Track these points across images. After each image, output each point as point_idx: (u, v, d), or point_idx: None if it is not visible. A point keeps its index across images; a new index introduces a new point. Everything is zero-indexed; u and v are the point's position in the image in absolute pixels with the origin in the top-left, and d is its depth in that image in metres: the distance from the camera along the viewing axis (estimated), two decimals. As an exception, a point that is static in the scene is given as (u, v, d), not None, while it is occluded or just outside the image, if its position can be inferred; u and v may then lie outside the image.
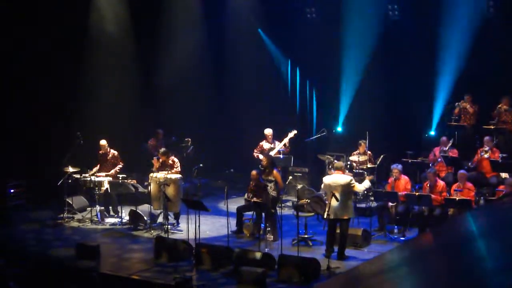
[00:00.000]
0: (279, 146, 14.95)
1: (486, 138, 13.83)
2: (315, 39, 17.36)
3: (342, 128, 17.43)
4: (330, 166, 14.72)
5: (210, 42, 17.99)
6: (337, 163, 11.87)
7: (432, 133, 16.00)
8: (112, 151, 14.27)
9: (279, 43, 18.10)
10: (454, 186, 12.47)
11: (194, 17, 17.68)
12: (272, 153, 14.57)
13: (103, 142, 14.19)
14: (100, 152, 14.24)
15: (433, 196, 12.09)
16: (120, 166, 14.22)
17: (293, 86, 17.90)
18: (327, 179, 11.36)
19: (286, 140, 14.95)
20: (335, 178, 11.24)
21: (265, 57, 18.35)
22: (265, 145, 15.04)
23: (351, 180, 11.20)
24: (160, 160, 13.49)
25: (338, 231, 11.22)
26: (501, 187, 12.40)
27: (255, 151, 14.93)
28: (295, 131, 14.99)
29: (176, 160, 13.58)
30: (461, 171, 12.67)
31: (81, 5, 16.18)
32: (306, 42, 17.61)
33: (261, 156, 13.90)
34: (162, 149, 13.73)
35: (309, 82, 17.89)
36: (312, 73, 17.73)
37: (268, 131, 15.14)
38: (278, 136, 15.18)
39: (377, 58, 16.49)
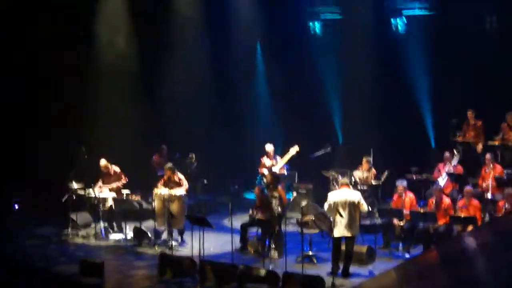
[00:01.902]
0: (281, 162, 14.87)
1: (487, 156, 13.82)
2: (318, 51, 17.44)
3: (345, 143, 17.41)
4: (334, 183, 14.68)
5: (213, 56, 17.99)
6: (343, 179, 11.80)
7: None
8: (114, 167, 14.15)
9: (281, 54, 18.10)
10: (460, 203, 12.43)
11: (197, 31, 17.68)
12: (276, 169, 14.53)
13: (102, 162, 13.98)
14: (102, 171, 14.17)
15: (439, 222, 12.10)
16: (124, 182, 14.13)
17: (296, 99, 17.88)
18: (335, 197, 11.20)
19: (287, 157, 14.84)
20: (345, 195, 11.14)
21: (269, 69, 18.38)
22: (267, 162, 14.97)
23: (360, 198, 11.16)
24: (165, 176, 13.45)
25: (343, 248, 11.16)
26: (501, 203, 12.35)
27: (260, 169, 14.87)
28: (297, 148, 14.86)
29: (182, 177, 13.54)
30: (468, 187, 12.62)
31: (85, 17, 16.26)
32: (309, 53, 17.66)
33: (265, 172, 13.84)
34: (169, 164, 13.66)
35: (313, 94, 17.88)
36: (316, 85, 17.74)
37: (269, 147, 15.02)
38: (284, 150, 15.14)
39: (381, 72, 16.52)
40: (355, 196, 11.16)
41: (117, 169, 14.16)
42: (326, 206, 11.34)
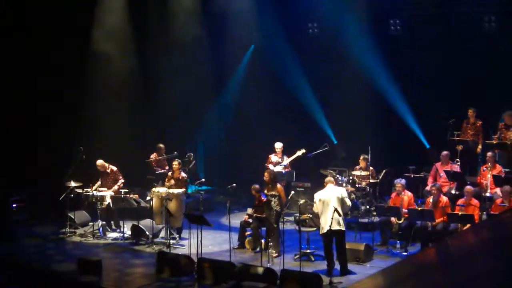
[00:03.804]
0: (286, 161, 15.06)
1: (489, 154, 13.83)
2: (317, 53, 17.44)
3: (343, 142, 17.44)
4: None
5: (212, 56, 17.99)
6: (327, 178, 11.76)
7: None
8: (111, 167, 14.16)
9: (281, 57, 18.10)
10: (460, 201, 12.45)
11: (195, 31, 17.69)
12: (278, 167, 14.68)
13: (99, 162, 14.00)
14: (99, 170, 14.17)
15: (437, 220, 12.16)
16: (122, 181, 14.14)
17: (297, 100, 17.90)
18: (320, 195, 11.23)
19: (293, 157, 15.09)
20: (330, 192, 11.18)
21: (269, 71, 18.39)
22: (273, 158, 15.23)
23: (344, 193, 11.22)
24: (171, 172, 13.46)
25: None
26: (498, 201, 12.37)
27: (267, 164, 15.04)
28: (303, 150, 15.07)
29: (186, 177, 13.59)
30: (468, 186, 12.61)
31: (84, 21, 16.24)
32: (308, 55, 17.67)
33: (271, 167, 13.96)
34: (179, 161, 13.68)
35: (313, 95, 17.88)
36: (315, 86, 17.74)
37: (278, 145, 15.30)
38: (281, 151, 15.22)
39: (379, 72, 16.52)
40: (339, 191, 11.20)
41: (114, 168, 14.18)
42: (314, 207, 11.39)
